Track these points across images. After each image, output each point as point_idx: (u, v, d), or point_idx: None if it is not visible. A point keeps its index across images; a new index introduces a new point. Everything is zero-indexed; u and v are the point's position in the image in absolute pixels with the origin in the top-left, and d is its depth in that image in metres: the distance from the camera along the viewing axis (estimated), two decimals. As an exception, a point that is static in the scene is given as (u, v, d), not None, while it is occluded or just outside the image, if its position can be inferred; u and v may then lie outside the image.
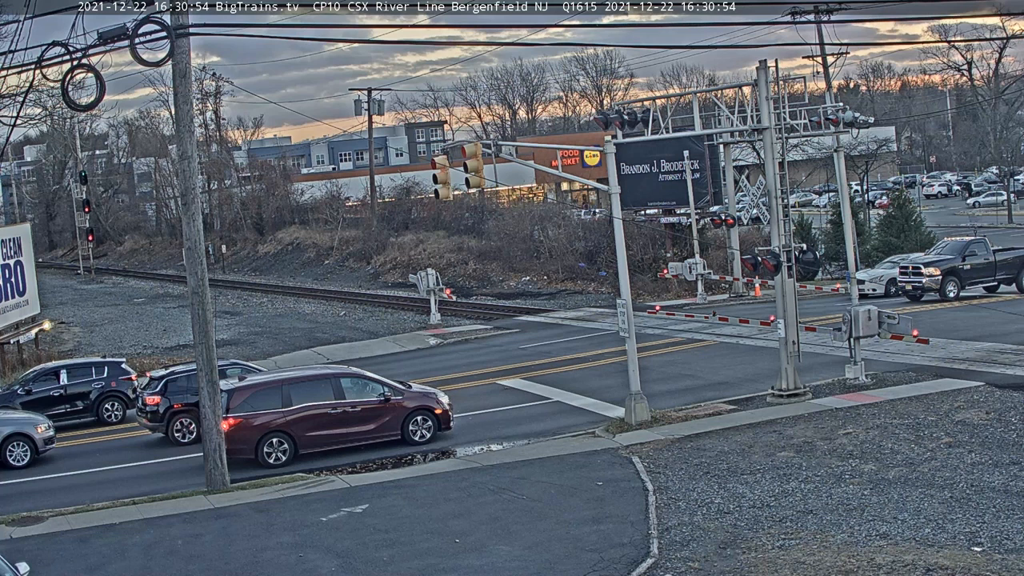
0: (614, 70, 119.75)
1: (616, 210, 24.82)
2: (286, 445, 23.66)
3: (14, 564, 13.13)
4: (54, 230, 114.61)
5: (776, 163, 25.24)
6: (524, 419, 26.18)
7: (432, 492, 19.86)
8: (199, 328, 21.50)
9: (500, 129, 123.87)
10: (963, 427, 20.99)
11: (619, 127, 27.14)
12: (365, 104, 74.75)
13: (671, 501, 17.96)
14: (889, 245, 52.67)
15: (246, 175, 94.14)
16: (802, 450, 20.40)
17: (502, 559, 15.84)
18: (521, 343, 37.59)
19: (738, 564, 14.87)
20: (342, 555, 16.63)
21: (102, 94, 20.10)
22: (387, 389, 24.58)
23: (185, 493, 21.43)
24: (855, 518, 16.33)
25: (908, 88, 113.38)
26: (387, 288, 61.76)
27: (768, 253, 24.95)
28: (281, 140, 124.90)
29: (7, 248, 39.75)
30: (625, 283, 24.72)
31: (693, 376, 29.06)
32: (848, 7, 42.49)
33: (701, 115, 27.89)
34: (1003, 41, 69.58)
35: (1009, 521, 15.60)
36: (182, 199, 23.06)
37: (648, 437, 22.63)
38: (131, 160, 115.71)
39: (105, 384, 30.28)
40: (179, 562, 17.01)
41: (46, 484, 23.79)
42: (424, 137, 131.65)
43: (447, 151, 35.98)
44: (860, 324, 25.60)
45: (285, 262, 78.05)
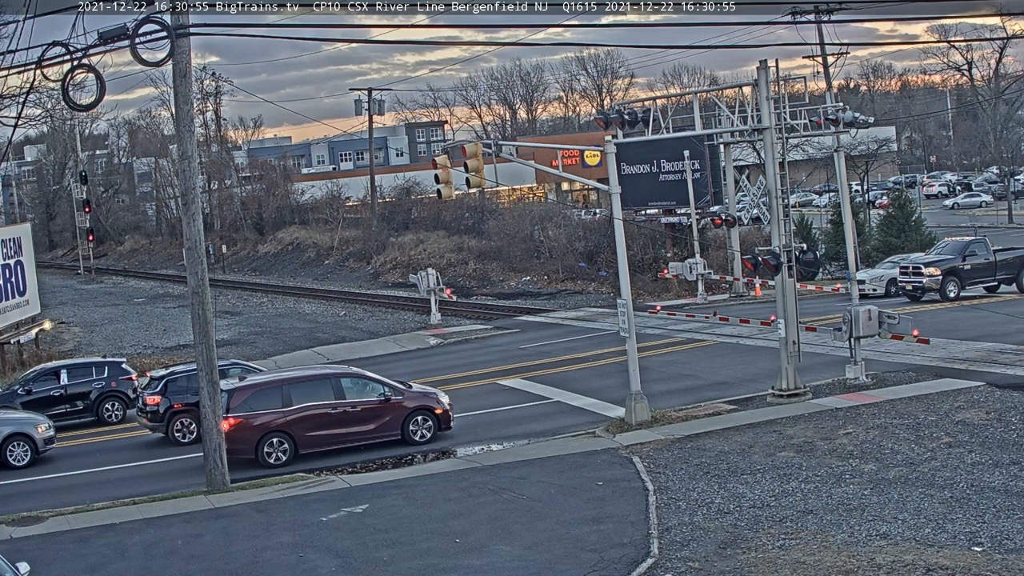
0: (615, 70, 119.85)
1: (616, 210, 24.82)
2: (286, 445, 23.66)
3: (14, 564, 13.13)
4: (54, 230, 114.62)
5: (776, 163, 25.25)
6: (524, 419, 26.18)
7: (432, 492, 19.86)
8: (199, 328, 21.50)
9: (500, 129, 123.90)
10: (963, 427, 20.99)
11: (619, 127, 27.14)
12: (365, 104, 74.75)
13: (671, 501, 17.96)
14: (889, 245, 52.67)
15: (246, 175, 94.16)
16: (802, 450, 20.40)
17: (502, 559, 15.84)
18: (521, 343, 37.58)
19: (738, 564, 14.87)
20: (342, 555, 16.63)
21: (102, 94, 20.11)
22: (387, 389, 24.58)
23: (185, 493, 21.43)
24: (855, 518, 16.33)
25: (908, 88, 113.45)
26: (387, 288, 61.76)
27: (768, 253, 24.96)
28: (281, 140, 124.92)
29: (7, 248, 39.75)
30: (625, 283, 24.72)
31: (693, 376, 29.06)
32: (848, 7, 42.47)
33: (701, 115, 27.89)
34: (1003, 41, 69.62)
35: (1009, 521, 15.60)
36: (182, 199, 23.06)
37: (648, 437, 22.63)
38: (131, 160, 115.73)
39: (105, 384, 30.28)
40: (179, 562, 17.01)
41: (46, 484, 23.79)
42: (424, 137, 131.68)
43: (447, 151, 35.97)
44: (860, 324, 25.60)
45: (285, 262, 78.05)
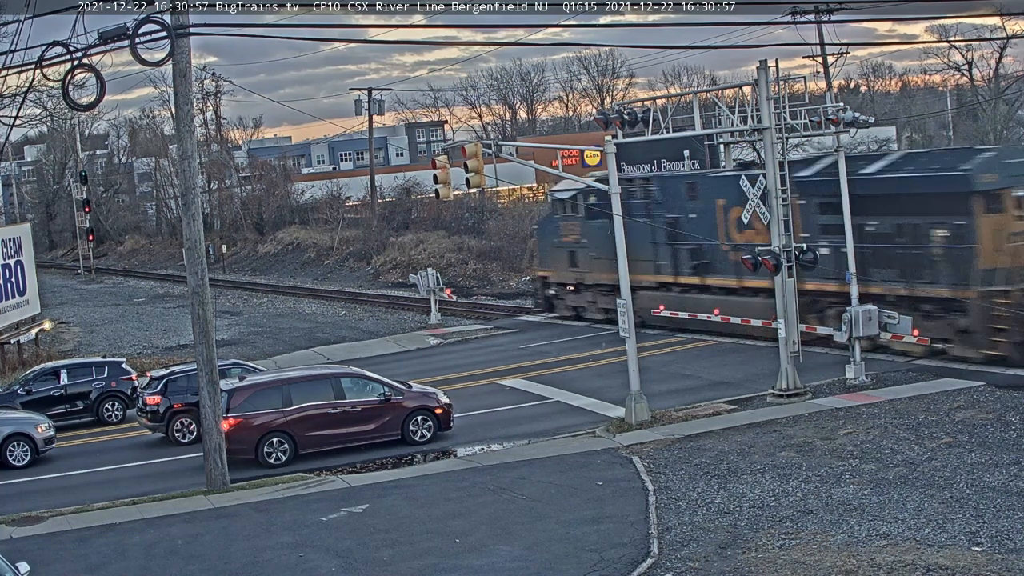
0: (615, 70, 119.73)
1: (617, 210, 24.84)
2: (286, 445, 23.66)
3: (14, 564, 13.14)
4: (54, 230, 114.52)
5: (776, 163, 25.26)
6: (524, 419, 26.18)
7: (432, 492, 19.87)
8: (199, 328, 21.51)
9: (500, 129, 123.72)
10: (963, 427, 20.99)
11: (619, 127, 27.14)
12: (365, 104, 74.71)
13: (671, 501, 17.97)
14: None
15: (246, 175, 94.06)
16: (802, 450, 20.41)
17: (502, 559, 15.84)
18: (521, 343, 37.58)
19: (738, 564, 14.87)
20: (342, 555, 16.64)
21: (102, 94, 20.13)
22: (387, 389, 24.59)
23: (185, 493, 21.44)
24: (855, 518, 16.33)
25: (908, 88, 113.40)
26: (387, 288, 61.74)
27: (768, 253, 24.98)
28: (281, 140, 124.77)
29: (7, 248, 39.75)
30: (625, 283, 24.73)
31: (693, 376, 29.06)
32: (848, 7, 42.48)
33: (701, 115, 27.89)
34: (1003, 41, 69.55)
35: (1009, 521, 15.60)
36: (182, 199, 23.06)
37: (648, 437, 22.63)
38: (131, 160, 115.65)
39: (105, 384, 30.27)
40: (179, 562, 17.02)
41: (46, 484, 23.80)
42: (424, 137, 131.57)
43: (447, 151, 35.94)
44: (860, 324, 25.60)
45: (285, 262, 78.02)
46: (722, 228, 32.72)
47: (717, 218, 32.89)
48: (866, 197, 26.97)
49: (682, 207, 34.26)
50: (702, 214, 33.41)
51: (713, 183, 33.32)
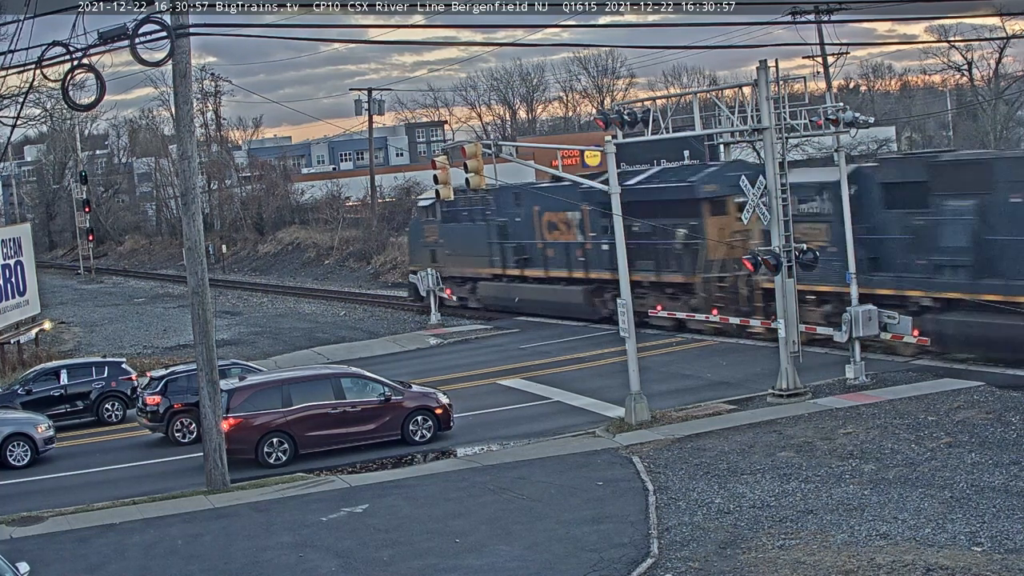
0: (615, 70, 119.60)
1: (616, 210, 24.85)
2: (286, 445, 23.67)
3: (14, 564, 13.14)
4: (54, 230, 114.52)
5: (776, 163, 25.26)
6: (524, 419, 26.19)
7: (432, 492, 19.87)
8: (199, 328, 21.51)
9: (500, 129, 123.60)
10: (963, 427, 20.99)
11: (619, 127, 27.10)
12: (365, 104, 74.68)
13: (671, 501, 17.97)
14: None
15: (246, 175, 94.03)
16: (802, 450, 20.41)
17: (502, 559, 15.84)
18: (521, 343, 37.59)
19: (738, 564, 14.88)
20: (342, 555, 16.64)
21: (102, 94, 20.12)
22: (387, 389, 24.59)
23: (185, 493, 21.44)
24: (855, 518, 16.33)
25: (908, 88, 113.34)
26: (387, 288, 61.71)
27: (768, 253, 24.97)
28: (281, 140, 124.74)
29: (7, 248, 39.75)
30: (625, 283, 24.73)
31: (693, 376, 29.07)
32: (848, 7, 42.49)
33: (701, 115, 27.86)
34: (1003, 41, 69.47)
35: (1009, 521, 15.60)
36: (182, 199, 23.07)
37: (648, 437, 22.63)
38: (131, 160, 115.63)
39: (105, 384, 30.28)
40: (179, 562, 17.02)
41: (46, 484, 23.80)
42: (424, 137, 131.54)
43: (447, 151, 36.05)
44: (860, 324, 25.61)
45: (285, 262, 78.00)
46: (538, 230, 40.90)
47: (534, 222, 41.02)
48: (629, 204, 29.63)
49: (510, 213, 42.32)
50: (524, 219, 41.58)
51: (532, 194, 41.76)
